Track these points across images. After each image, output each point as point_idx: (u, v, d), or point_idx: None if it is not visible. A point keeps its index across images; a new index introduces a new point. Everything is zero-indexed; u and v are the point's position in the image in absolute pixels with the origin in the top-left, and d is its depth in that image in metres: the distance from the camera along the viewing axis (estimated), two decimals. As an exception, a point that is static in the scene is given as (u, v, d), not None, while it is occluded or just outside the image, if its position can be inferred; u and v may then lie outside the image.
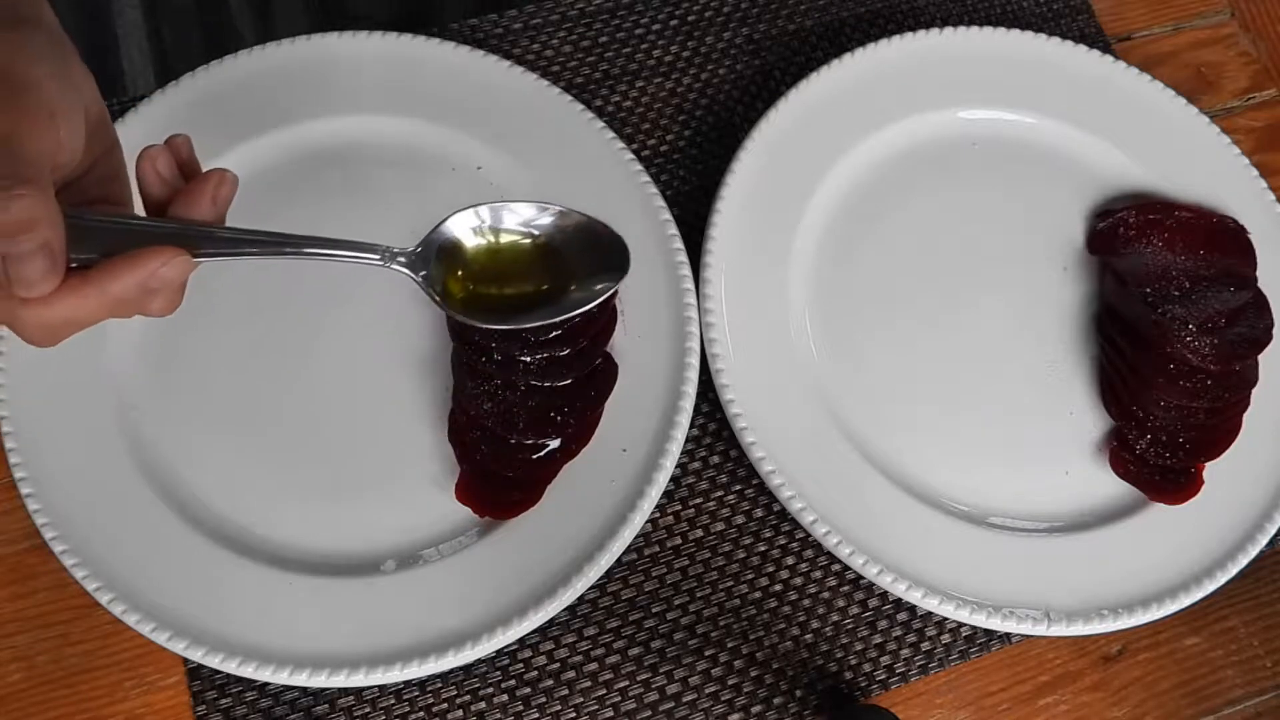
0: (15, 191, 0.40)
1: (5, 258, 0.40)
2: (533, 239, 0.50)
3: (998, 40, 0.73)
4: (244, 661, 0.55)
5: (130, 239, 0.44)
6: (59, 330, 0.44)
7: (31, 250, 0.41)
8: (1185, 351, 0.64)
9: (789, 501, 0.61)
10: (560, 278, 0.50)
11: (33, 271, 0.41)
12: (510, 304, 0.49)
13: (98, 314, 0.44)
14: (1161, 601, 0.61)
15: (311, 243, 0.47)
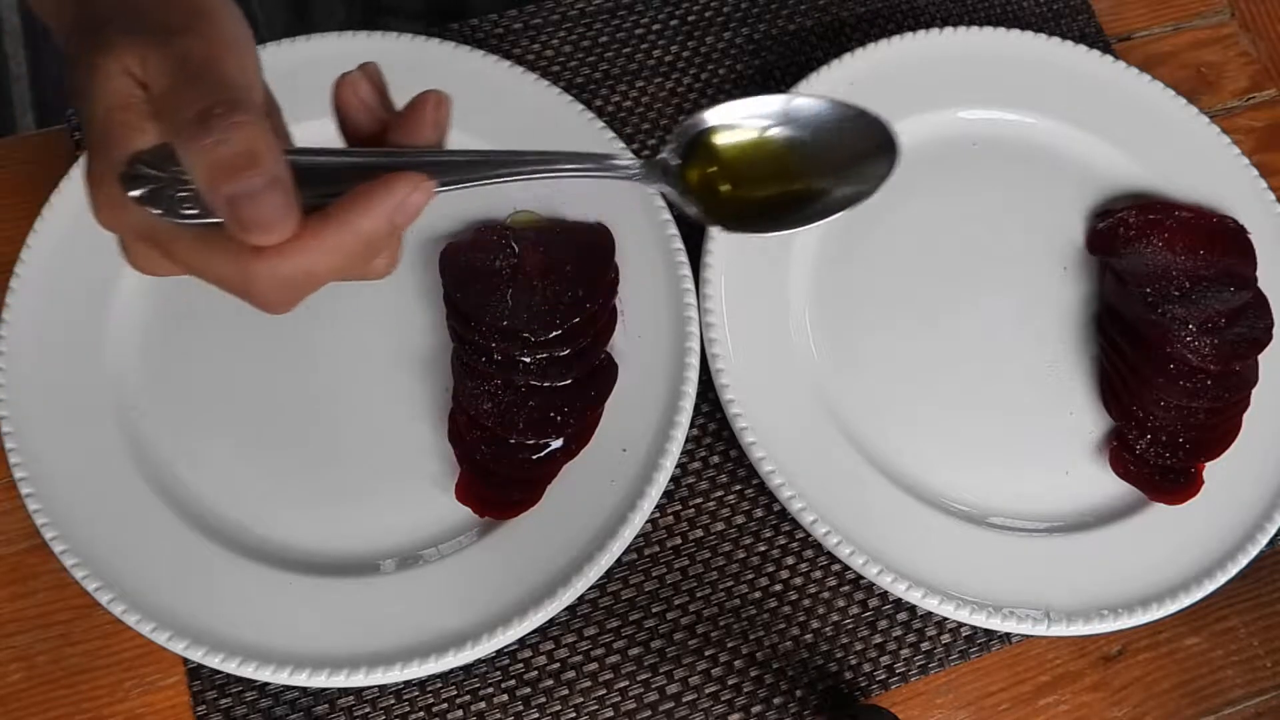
0: (234, 119, 0.35)
1: (233, 200, 0.34)
2: (785, 134, 0.43)
3: (998, 40, 0.73)
4: (244, 661, 0.55)
5: (354, 176, 0.37)
6: (300, 287, 0.37)
7: (262, 186, 0.34)
8: (1185, 351, 0.64)
9: (789, 501, 0.61)
10: (820, 173, 0.43)
11: (269, 210, 0.34)
12: (772, 207, 0.43)
13: (339, 263, 0.37)
14: (1161, 601, 0.61)
15: (556, 158, 0.41)
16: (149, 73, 0.36)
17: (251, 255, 0.35)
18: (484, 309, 0.62)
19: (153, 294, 0.64)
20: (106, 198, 0.36)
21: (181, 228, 0.35)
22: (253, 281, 0.36)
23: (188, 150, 0.34)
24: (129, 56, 0.36)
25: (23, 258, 0.63)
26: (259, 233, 0.34)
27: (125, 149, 0.35)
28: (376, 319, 0.64)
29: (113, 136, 0.35)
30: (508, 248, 0.64)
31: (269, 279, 0.36)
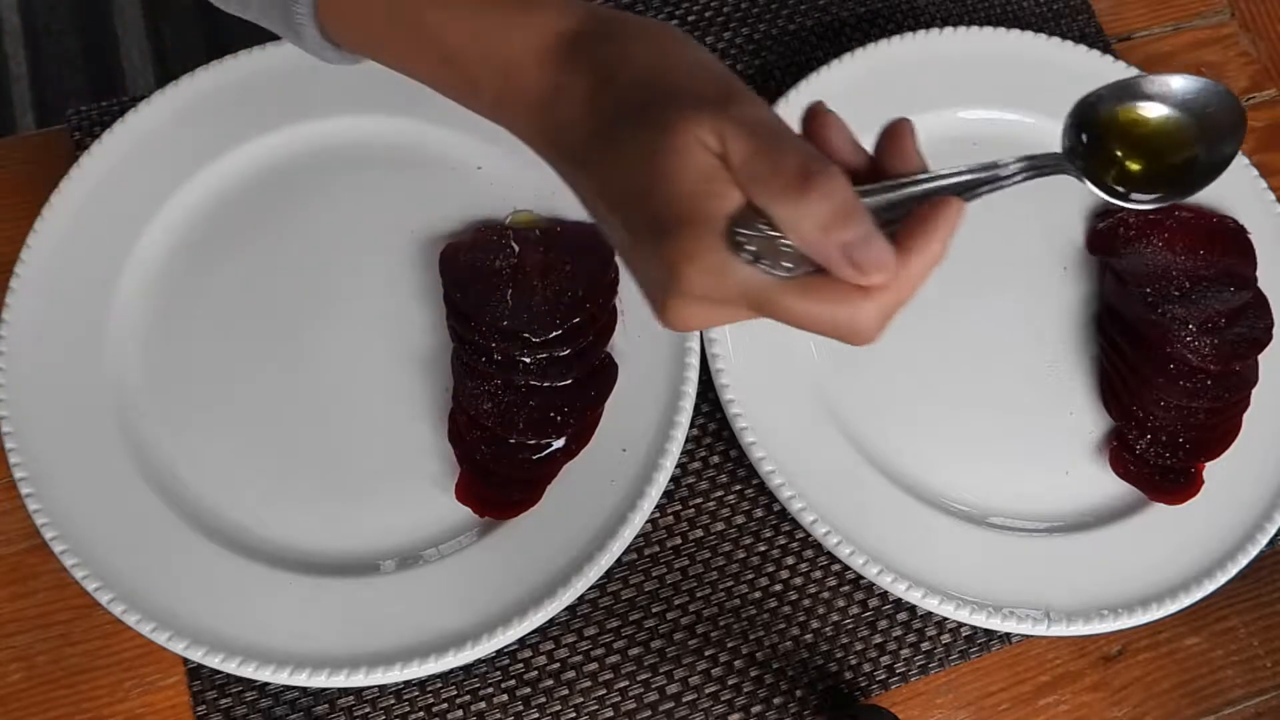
0: (829, 175, 0.37)
1: (847, 247, 0.37)
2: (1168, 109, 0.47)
3: (998, 40, 0.73)
4: (244, 661, 0.55)
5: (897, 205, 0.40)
6: (891, 315, 0.39)
7: (866, 231, 0.37)
8: (1185, 351, 0.64)
9: (789, 501, 0.61)
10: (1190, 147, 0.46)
11: (878, 253, 0.37)
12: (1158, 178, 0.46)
13: (917, 284, 0.39)
14: (1161, 601, 0.61)
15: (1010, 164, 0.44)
16: (725, 143, 0.37)
17: (860, 296, 0.38)
18: (484, 309, 0.62)
19: (153, 294, 0.64)
20: (706, 266, 0.37)
21: (787, 282, 0.38)
22: (860, 319, 0.38)
23: (793, 208, 0.36)
24: (701, 131, 0.37)
25: (23, 258, 0.63)
26: (873, 273, 0.37)
27: (722, 217, 0.37)
28: (376, 319, 0.64)
29: (707, 207, 0.37)
30: (508, 248, 0.64)
31: (874, 314, 0.38)
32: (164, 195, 0.65)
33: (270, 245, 0.66)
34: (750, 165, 0.37)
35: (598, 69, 0.40)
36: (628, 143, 0.39)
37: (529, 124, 0.43)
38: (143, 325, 0.63)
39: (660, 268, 0.38)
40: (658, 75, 0.40)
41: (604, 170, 0.40)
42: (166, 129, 0.66)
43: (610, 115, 0.40)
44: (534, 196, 0.67)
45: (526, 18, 0.42)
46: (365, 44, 0.47)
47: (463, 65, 0.43)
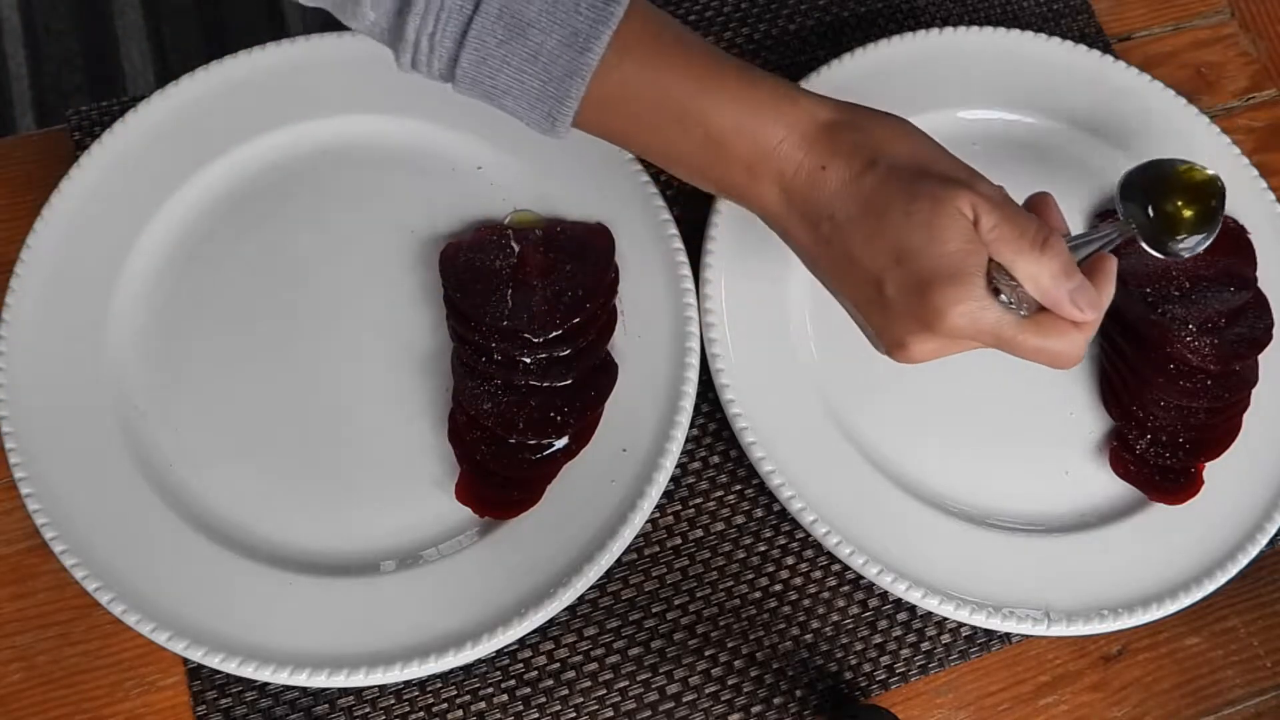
0: (1056, 239, 0.49)
1: (1073, 293, 0.48)
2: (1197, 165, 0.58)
3: (998, 40, 0.73)
4: (244, 661, 0.55)
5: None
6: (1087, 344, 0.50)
7: (1084, 279, 0.49)
8: (1185, 351, 0.64)
9: (789, 501, 0.61)
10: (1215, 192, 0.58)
11: (1092, 296, 0.49)
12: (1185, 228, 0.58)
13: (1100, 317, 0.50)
14: (1161, 601, 0.61)
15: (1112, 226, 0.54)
16: (978, 213, 0.48)
17: (1074, 330, 0.49)
18: (484, 309, 0.62)
19: (153, 294, 0.64)
20: (969, 310, 0.47)
21: (1025, 320, 0.49)
22: (1075, 347, 0.49)
23: (1035, 264, 0.48)
24: (961, 203, 0.48)
25: (23, 258, 0.63)
26: (1089, 311, 0.49)
27: (981, 271, 0.48)
28: (376, 319, 0.64)
29: (971, 263, 0.48)
30: (508, 248, 0.64)
31: (1081, 343, 0.49)
32: (164, 195, 0.65)
33: (270, 245, 0.66)
34: (999, 230, 0.48)
35: (859, 153, 0.50)
36: (898, 212, 0.48)
37: (780, 196, 0.51)
38: (142, 325, 0.63)
39: (923, 311, 0.48)
40: (915, 159, 0.50)
41: (865, 235, 0.49)
42: (166, 129, 0.66)
43: (876, 190, 0.49)
44: (534, 196, 0.67)
45: (793, 106, 0.51)
46: (622, 130, 0.53)
47: (724, 145, 0.51)
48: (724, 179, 0.52)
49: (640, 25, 0.50)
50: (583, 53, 0.49)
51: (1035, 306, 0.49)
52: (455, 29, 0.49)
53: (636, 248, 0.65)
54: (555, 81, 0.50)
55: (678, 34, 0.52)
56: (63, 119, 0.69)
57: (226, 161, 0.67)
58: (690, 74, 0.51)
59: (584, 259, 0.64)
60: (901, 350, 0.50)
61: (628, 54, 0.50)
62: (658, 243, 0.66)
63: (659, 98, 0.51)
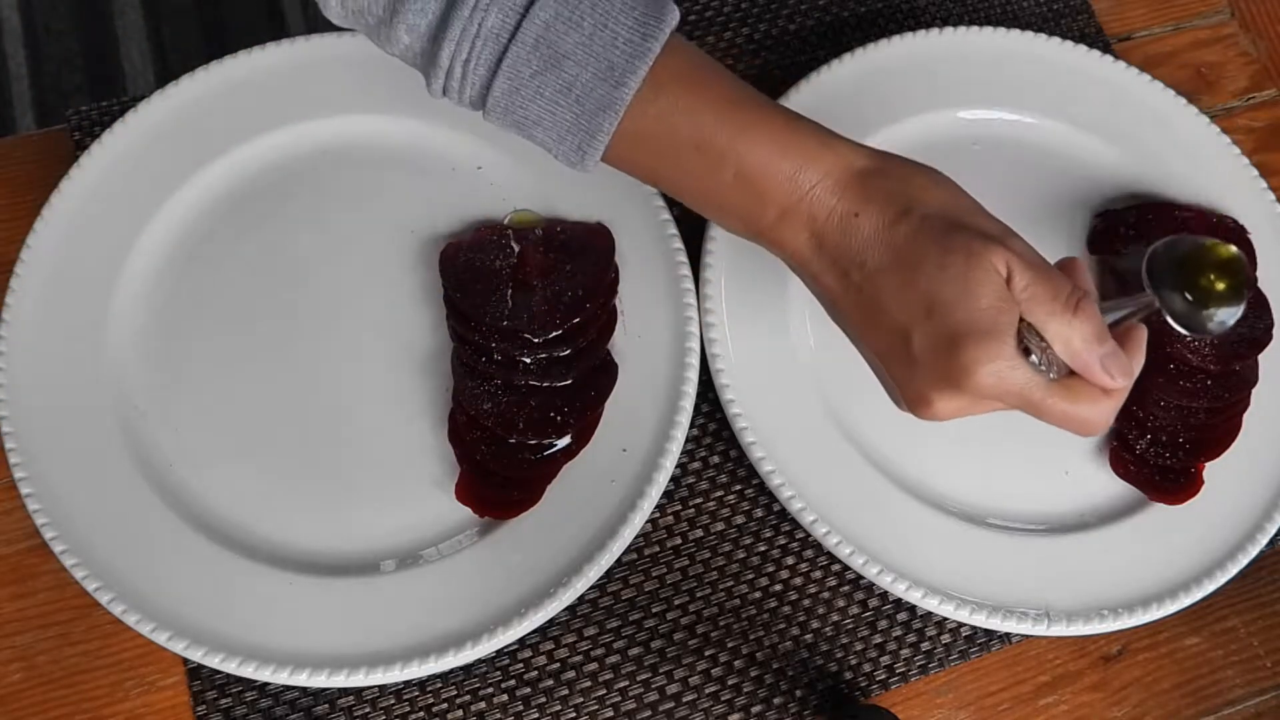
0: (1088, 303, 0.47)
1: (1104, 359, 0.47)
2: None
3: (998, 40, 0.73)
4: (244, 661, 0.55)
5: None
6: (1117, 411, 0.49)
7: (1115, 346, 0.47)
8: (1185, 351, 0.64)
9: (789, 501, 0.61)
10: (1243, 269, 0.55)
11: (1124, 363, 0.47)
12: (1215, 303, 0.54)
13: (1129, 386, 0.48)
14: (1161, 601, 0.61)
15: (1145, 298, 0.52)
16: (1011, 270, 0.47)
17: (1103, 397, 0.47)
18: (484, 309, 0.62)
19: (152, 294, 0.64)
20: (998, 368, 0.46)
21: (1053, 384, 0.47)
22: (1102, 415, 0.48)
23: (1067, 325, 0.47)
24: (995, 259, 0.47)
25: (23, 258, 0.63)
26: (1121, 379, 0.47)
27: (1012, 329, 0.46)
28: (376, 319, 0.64)
29: (1003, 320, 0.46)
30: (508, 248, 0.64)
31: (1110, 411, 0.48)
32: (164, 195, 0.65)
33: (270, 245, 0.66)
34: (1032, 289, 0.47)
35: (894, 201, 0.49)
36: (931, 264, 0.47)
37: (810, 241, 0.50)
38: (142, 325, 0.63)
39: (950, 367, 0.46)
40: (950, 211, 0.49)
41: (896, 285, 0.48)
42: (166, 129, 0.66)
43: (909, 240, 0.48)
44: (534, 196, 0.67)
45: (829, 150, 0.50)
46: (652, 166, 0.53)
47: (757, 185, 0.50)
48: (754, 220, 0.51)
49: (677, 62, 0.50)
50: (617, 87, 0.49)
51: (1065, 370, 0.47)
52: (490, 57, 0.49)
53: (636, 248, 0.65)
54: (588, 115, 0.49)
55: (715, 72, 0.52)
56: (63, 119, 0.69)
57: (226, 161, 0.67)
58: (726, 113, 0.50)
59: (584, 259, 0.64)
60: (924, 406, 0.48)
61: (663, 90, 0.50)
62: (658, 243, 0.66)
63: (693, 135, 0.50)
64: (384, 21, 0.51)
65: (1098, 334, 0.47)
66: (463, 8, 0.48)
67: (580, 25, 0.49)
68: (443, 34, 0.49)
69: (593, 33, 0.49)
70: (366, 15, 0.51)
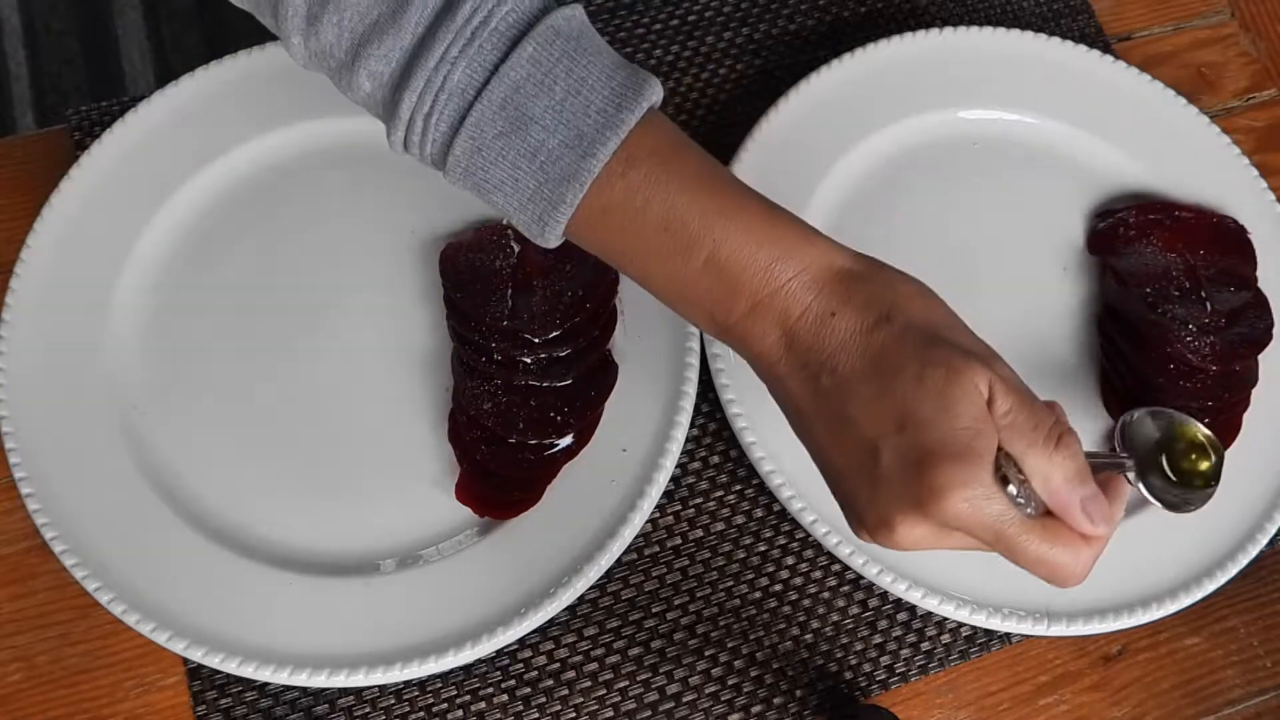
0: (1072, 439, 0.44)
1: (1085, 501, 0.44)
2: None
3: (998, 40, 0.73)
4: (244, 661, 0.55)
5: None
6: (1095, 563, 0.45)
7: (1097, 489, 0.44)
8: (1185, 351, 0.64)
9: (789, 501, 0.61)
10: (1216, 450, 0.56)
11: (1105, 509, 0.44)
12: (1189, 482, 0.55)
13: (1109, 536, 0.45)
14: (1161, 601, 0.61)
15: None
16: (994, 393, 0.44)
17: (1082, 543, 0.44)
18: (484, 309, 0.62)
19: (152, 294, 0.64)
20: (972, 495, 0.42)
21: (1031, 521, 0.44)
22: (1080, 563, 0.44)
23: (1047, 460, 0.43)
24: (978, 378, 0.44)
25: (23, 258, 0.63)
26: (1102, 525, 0.44)
27: (990, 455, 0.43)
28: (376, 319, 0.64)
29: (980, 444, 0.43)
30: (508, 248, 0.64)
31: (1089, 560, 0.44)
32: (164, 195, 0.65)
33: (270, 245, 0.66)
34: (1013, 417, 0.44)
35: (874, 305, 0.46)
36: (909, 375, 0.44)
37: (780, 340, 0.47)
38: (143, 325, 0.63)
39: (919, 489, 0.42)
40: (932, 325, 0.46)
41: (869, 394, 0.44)
42: (166, 129, 0.66)
43: (887, 348, 0.45)
44: (534, 196, 0.67)
45: (809, 245, 0.47)
46: (617, 248, 0.49)
47: (730, 275, 0.47)
48: (722, 311, 0.48)
49: (653, 138, 0.47)
50: (585, 157, 0.46)
51: (1041, 509, 0.44)
52: (453, 114, 0.47)
53: (636, 248, 0.65)
54: (552, 184, 0.47)
55: (694, 154, 0.48)
56: (63, 119, 0.69)
57: (226, 161, 0.67)
58: (702, 196, 0.47)
59: (584, 259, 0.64)
60: (885, 531, 0.44)
61: (635, 166, 0.47)
62: (658, 243, 0.65)
63: (664, 215, 0.47)
64: (346, 66, 0.48)
65: (1080, 473, 0.44)
66: (428, 59, 0.46)
67: (552, 90, 0.46)
68: (405, 84, 0.46)
69: (565, 98, 0.46)
70: (329, 59, 0.49)
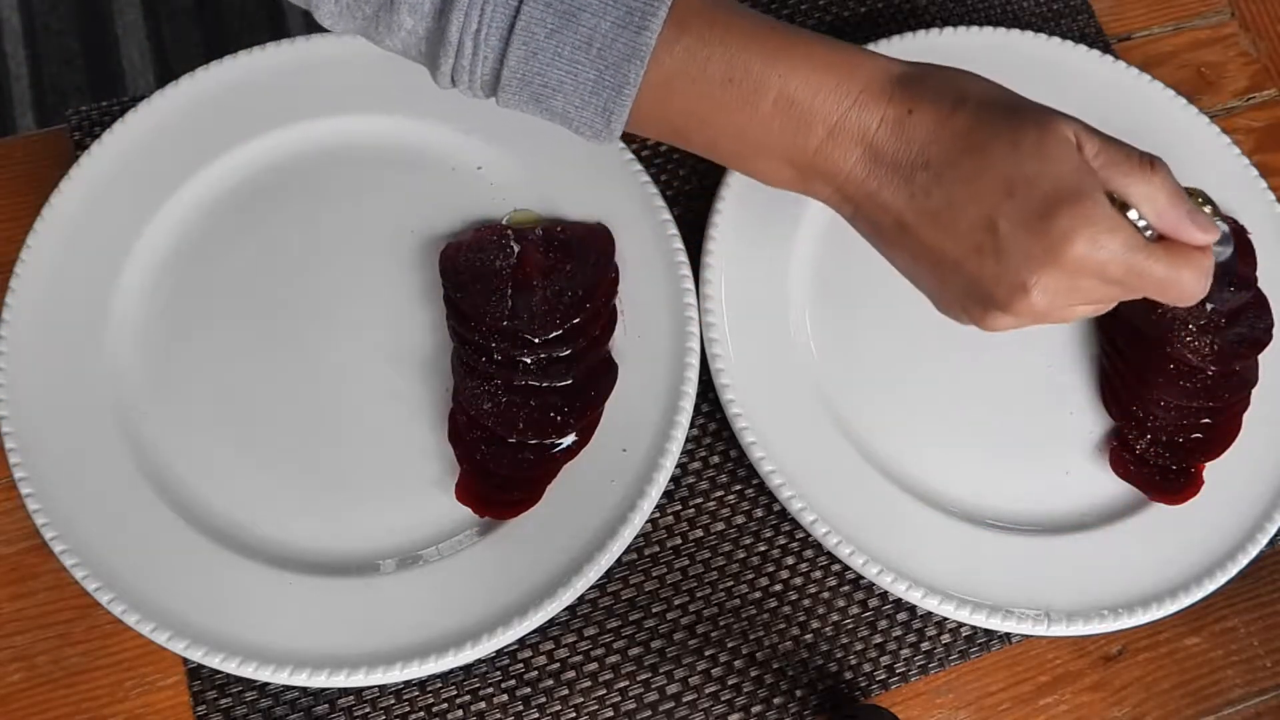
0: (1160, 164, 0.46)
1: (1192, 214, 0.46)
2: None
3: (998, 40, 0.73)
4: (244, 661, 0.55)
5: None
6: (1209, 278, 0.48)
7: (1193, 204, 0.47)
8: (1185, 351, 0.64)
9: (789, 501, 0.61)
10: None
11: (1206, 219, 0.47)
12: None
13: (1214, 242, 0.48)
14: (1161, 601, 0.61)
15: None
16: (1080, 139, 0.46)
17: (1200, 255, 0.46)
18: (484, 309, 0.62)
19: (152, 294, 0.64)
20: (1101, 228, 0.44)
21: (1154, 245, 0.46)
22: (1201, 277, 0.47)
23: (1148, 184, 0.46)
24: (1064, 129, 0.46)
25: (23, 258, 0.63)
26: (1208, 234, 0.46)
27: (1100, 191, 0.45)
28: (377, 319, 0.64)
29: (1090, 181, 0.45)
30: (507, 248, 0.64)
31: (1206, 273, 0.47)
32: (164, 195, 0.65)
33: (270, 245, 0.66)
34: (1106, 154, 0.46)
35: (946, 94, 0.47)
36: (1003, 143, 0.45)
37: (864, 156, 0.48)
38: (143, 325, 0.63)
39: (1047, 239, 0.44)
40: (1002, 97, 0.47)
41: (969, 173, 0.46)
42: (166, 129, 0.66)
43: (973, 125, 0.46)
44: (534, 196, 0.67)
45: (869, 60, 0.48)
46: (685, 112, 0.49)
47: (801, 106, 0.48)
48: (798, 148, 0.48)
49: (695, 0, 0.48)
50: (640, 31, 0.46)
51: (1155, 236, 0.46)
52: (502, 23, 0.46)
53: (636, 248, 0.65)
54: (613, 68, 0.47)
55: (736, 7, 0.49)
56: (63, 119, 0.69)
57: (226, 161, 0.67)
58: (756, 40, 0.47)
59: (584, 259, 0.64)
60: (1021, 296, 0.46)
61: (686, 28, 0.47)
62: (658, 243, 0.66)
63: (724, 67, 0.47)
64: (384, 7, 0.48)
65: (1180, 191, 0.46)
66: None
67: None
68: (450, 6, 0.46)
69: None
70: (364, 5, 0.49)
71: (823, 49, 0.48)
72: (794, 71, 0.47)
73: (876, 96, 0.47)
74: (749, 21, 0.48)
